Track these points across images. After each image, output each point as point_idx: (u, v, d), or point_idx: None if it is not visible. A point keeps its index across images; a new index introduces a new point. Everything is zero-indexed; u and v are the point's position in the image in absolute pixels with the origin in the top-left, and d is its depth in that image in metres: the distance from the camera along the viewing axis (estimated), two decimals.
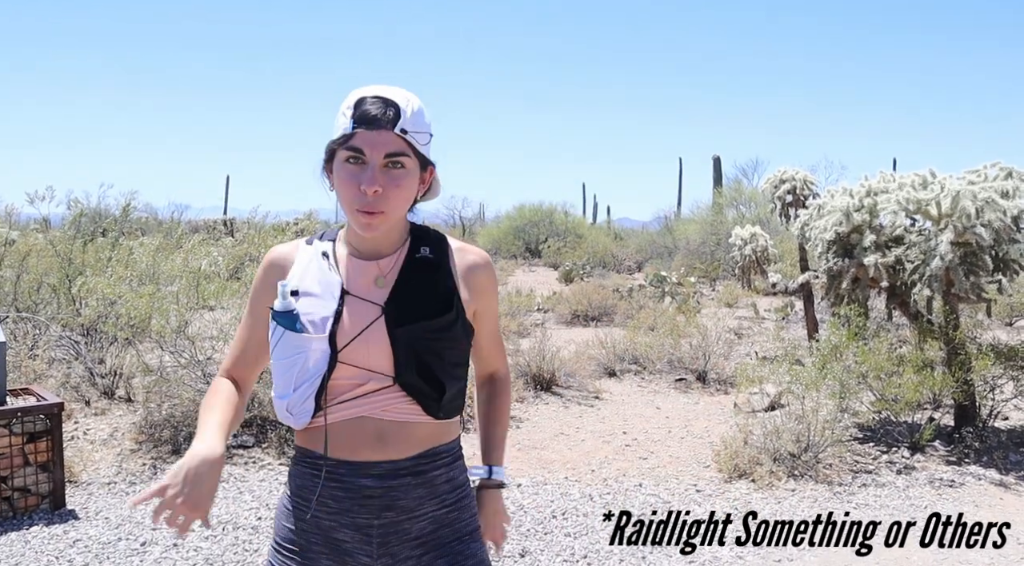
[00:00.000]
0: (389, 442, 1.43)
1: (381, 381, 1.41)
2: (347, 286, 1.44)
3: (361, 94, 1.37)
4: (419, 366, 1.41)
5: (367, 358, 1.41)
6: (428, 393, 1.43)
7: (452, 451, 1.52)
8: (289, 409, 1.43)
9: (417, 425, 1.45)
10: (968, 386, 5.09)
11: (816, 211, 5.78)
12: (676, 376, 7.26)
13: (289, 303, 1.42)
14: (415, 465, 1.45)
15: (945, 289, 4.97)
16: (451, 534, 1.49)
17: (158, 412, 4.95)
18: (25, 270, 7.09)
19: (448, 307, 1.45)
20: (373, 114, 1.35)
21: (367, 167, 1.36)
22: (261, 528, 3.78)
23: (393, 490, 1.43)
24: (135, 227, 14.77)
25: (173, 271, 6.52)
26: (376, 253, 1.47)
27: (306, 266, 1.48)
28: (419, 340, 1.41)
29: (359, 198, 1.37)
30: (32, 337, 6.52)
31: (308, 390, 1.40)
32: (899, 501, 4.28)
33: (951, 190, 4.83)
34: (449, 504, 1.49)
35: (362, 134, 1.35)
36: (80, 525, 3.77)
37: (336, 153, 1.39)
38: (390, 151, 1.36)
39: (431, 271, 1.47)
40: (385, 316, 1.42)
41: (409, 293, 1.44)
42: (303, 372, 1.40)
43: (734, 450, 4.70)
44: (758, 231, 9.20)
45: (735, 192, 23.06)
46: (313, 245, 1.51)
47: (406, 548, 1.45)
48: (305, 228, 13.64)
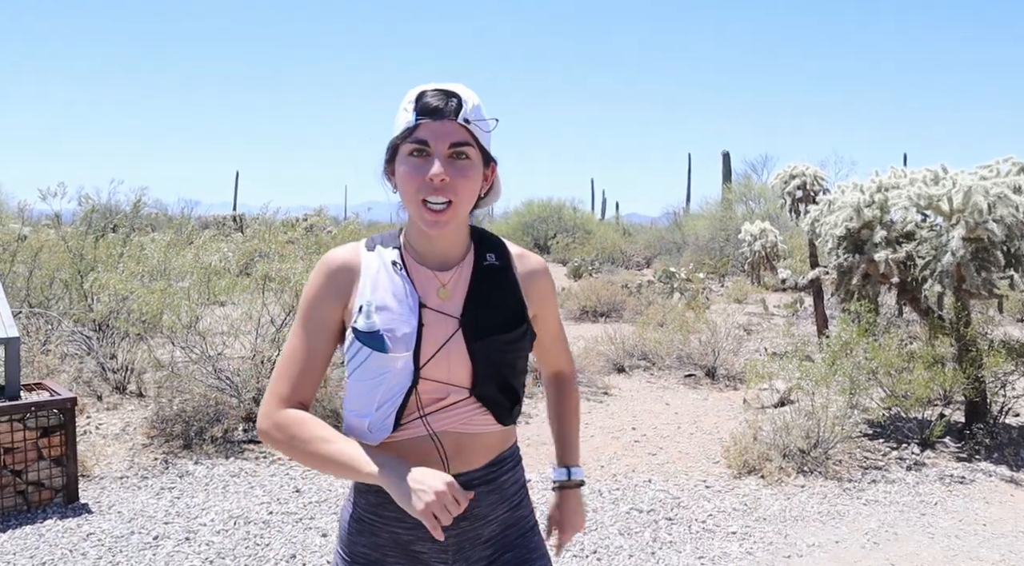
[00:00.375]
0: (463, 455, 1.43)
1: (459, 394, 1.41)
2: (423, 298, 1.41)
3: (422, 88, 1.36)
4: (497, 378, 1.42)
5: (448, 373, 1.39)
6: (502, 403, 1.44)
7: (514, 455, 1.55)
8: (370, 428, 1.40)
9: (488, 435, 1.46)
10: (979, 382, 5.06)
11: (826, 207, 5.76)
12: (685, 372, 7.25)
13: (373, 323, 1.38)
14: (486, 474, 1.46)
15: (956, 285, 4.94)
16: (516, 531, 1.53)
17: (169, 407, 4.98)
18: (37, 266, 7.15)
19: (521, 319, 1.45)
20: (435, 105, 1.34)
21: (432, 157, 1.34)
22: (272, 522, 3.81)
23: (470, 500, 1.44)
24: (145, 223, 14.83)
25: (184, 267, 6.55)
26: (443, 261, 1.44)
27: (375, 276, 1.43)
28: (496, 353, 1.41)
29: (425, 187, 1.33)
30: (45, 332, 6.57)
31: (391, 408, 1.39)
32: (909, 497, 4.27)
33: (963, 185, 4.80)
34: (515, 504, 1.53)
35: (426, 125, 1.33)
36: (93, 519, 3.80)
37: (399, 148, 1.37)
38: (455, 140, 1.34)
39: (500, 280, 1.46)
40: (463, 329, 1.40)
41: (483, 305, 1.43)
42: (388, 391, 1.38)
43: (743, 446, 4.70)
44: (768, 227, 9.18)
45: (744, 188, 22.96)
46: (376, 251, 1.46)
47: (478, 550, 1.48)
48: (315, 224, 13.66)
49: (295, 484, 4.31)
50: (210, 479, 4.35)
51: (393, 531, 1.44)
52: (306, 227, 13.03)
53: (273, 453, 4.79)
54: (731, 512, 4.06)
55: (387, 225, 23.71)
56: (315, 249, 7.84)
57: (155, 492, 4.15)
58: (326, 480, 4.39)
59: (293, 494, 4.17)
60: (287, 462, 4.66)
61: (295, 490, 4.22)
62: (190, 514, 3.88)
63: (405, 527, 1.43)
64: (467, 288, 1.43)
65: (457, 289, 1.43)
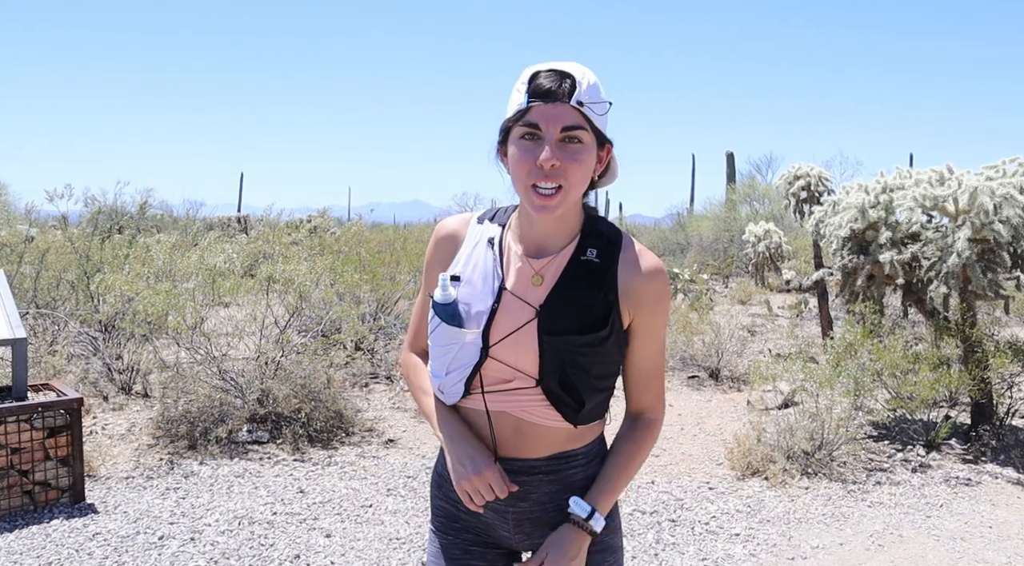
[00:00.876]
0: (526, 440, 1.45)
1: (525, 381, 1.41)
2: (507, 282, 1.42)
3: (536, 69, 1.34)
4: (563, 376, 1.40)
5: (515, 358, 1.40)
6: (568, 402, 1.42)
7: (589, 452, 1.50)
8: (441, 389, 1.48)
9: (554, 429, 1.45)
10: (985, 384, 5.05)
11: (831, 208, 5.75)
12: (689, 373, 7.25)
13: (449, 295, 1.43)
14: (549, 465, 1.47)
15: (962, 286, 4.93)
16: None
17: (174, 408, 5.00)
18: (44, 267, 7.18)
19: (603, 323, 1.39)
20: (548, 87, 1.31)
21: (543, 141, 1.32)
22: (276, 523, 3.82)
23: (526, 485, 1.46)
24: (151, 224, 14.88)
25: (189, 268, 6.57)
26: (542, 247, 1.43)
27: (472, 250, 1.48)
28: (567, 352, 1.39)
29: (534, 172, 1.32)
30: (51, 333, 6.60)
31: (459, 376, 1.44)
32: (914, 499, 4.26)
33: (969, 186, 4.79)
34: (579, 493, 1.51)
35: (538, 108, 1.31)
36: (99, 519, 3.82)
37: (511, 131, 1.36)
38: (567, 124, 1.31)
39: (593, 278, 1.41)
40: (538, 320, 1.39)
41: (566, 300, 1.40)
42: (456, 360, 1.44)
43: (747, 448, 4.69)
44: (772, 228, 9.16)
45: (749, 188, 22.92)
46: (484, 225, 1.49)
47: (540, 529, 1.50)
48: (319, 225, 13.69)
49: (299, 485, 4.32)
50: (215, 479, 4.36)
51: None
52: (310, 229, 13.05)
53: (277, 454, 4.80)
54: (735, 514, 4.05)
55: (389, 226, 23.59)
56: (319, 250, 7.86)
57: (160, 492, 4.16)
58: (330, 481, 4.40)
59: (297, 495, 4.18)
60: (290, 463, 4.67)
61: (299, 491, 4.23)
62: (195, 514, 3.89)
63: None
64: (555, 281, 1.41)
65: (548, 278, 1.42)
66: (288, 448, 4.88)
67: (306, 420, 5.04)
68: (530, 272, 1.42)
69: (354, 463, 4.71)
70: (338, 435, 5.16)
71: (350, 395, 5.90)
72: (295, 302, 5.95)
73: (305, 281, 5.92)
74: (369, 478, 4.46)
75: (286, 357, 5.38)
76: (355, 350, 7.19)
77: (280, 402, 5.06)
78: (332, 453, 4.87)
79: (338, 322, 6.31)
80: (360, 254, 7.97)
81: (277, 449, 4.88)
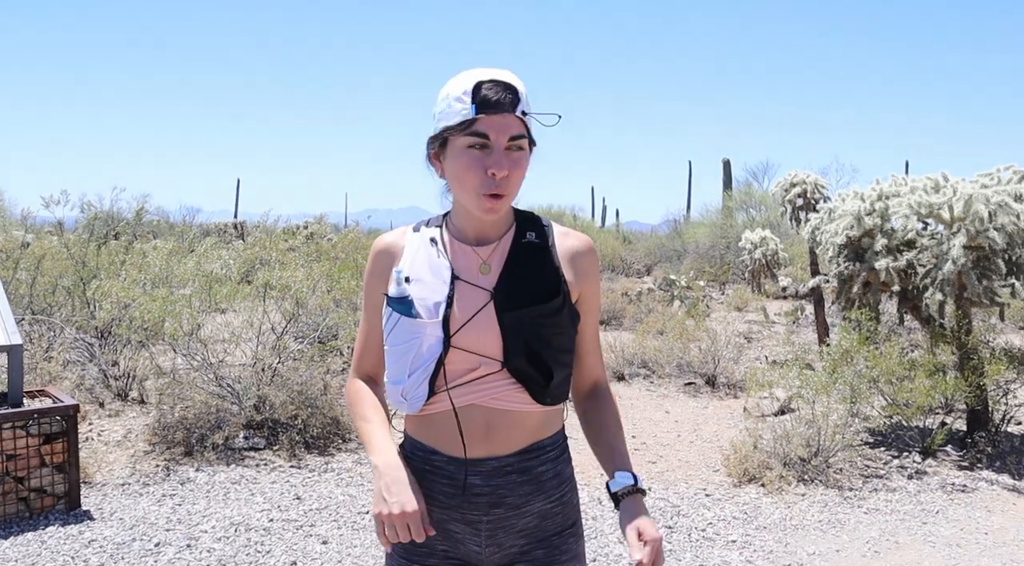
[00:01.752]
0: (496, 434, 1.46)
1: (491, 366, 1.43)
2: (457, 271, 1.46)
3: (476, 79, 1.37)
4: (527, 351, 1.43)
5: (478, 343, 1.43)
6: (535, 378, 1.44)
7: (557, 444, 1.54)
8: (404, 394, 1.46)
9: (524, 415, 1.47)
10: (981, 391, 5.06)
11: (827, 215, 5.77)
12: (685, 380, 7.25)
13: (403, 289, 1.45)
14: (520, 461, 1.48)
15: (957, 293, 4.95)
16: (553, 526, 1.52)
17: (171, 414, 4.99)
18: (40, 273, 7.16)
19: (555, 292, 1.46)
20: (495, 98, 1.35)
21: (491, 151, 1.37)
22: (273, 530, 3.81)
23: (500, 488, 1.46)
24: (147, 230, 14.87)
25: (185, 275, 6.57)
26: (484, 237, 1.49)
27: (415, 252, 1.50)
28: (527, 325, 1.43)
29: (487, 183, 1.37)
30: (47, 339, 6.58)
31: (423, 375, 1.44)
32: (910, 506, 4.27)
33: (963, 194, 4.82)
34: (554, 499, 1.52)
35: (486, 119, 1.35)
36: (95, 525, 3.80)
37: (452, 140, 1.39)
38: (513, 134, 1.37)
39: (537, 255, 1.49)
40: (494, 301, 1.43)
41: (517, 278, 1.46)
42: (417, 357, 1.44)
43: (744, 454, 4.69)
44: (768, 235, 9.19)
45: (745, 195, 22.98)
46: (420, 232, 1.53)
47: (511, 538, 1.50)
48: (315, 232, 13.70)
49: (296, 491, 4.31)
50: (211, 486, 4.36)
51: (429, 508, 1.47)
52: (306, 235, 13.05)
53: (273, 460, 4.79)
54: (731, 521, 4.05)
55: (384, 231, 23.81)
56: (315, 257, 7.86)
57: (156, 499, 4.15)
58: (326, 487, 4.39)
59: (294, 501, 4.17)
60: (287, 470, 4.66)
61: (296, 497, 4.22)
62: (191, 521, 3.88)
63: (440, 506, 1.48)
64: (503, 263, 1.47)
65: (494, 264, 1.47)
66: (285, 455, 4.87)
67: (303, 427, 5.04)
68: (477, 260, 1.47)
69: (351, 470, 4.71)
70: (335, 442, 5.16)
71: (347, 401, 5.89)
72: (292, 308, 5.95)
73: (302, 287, 5.92)
74: (366, 485, 4.45)
75: (283, 363, 5.37)
76: (352, 356, 7.19)
77: (277, 409, 5.05)
78: (329, 460, 4.86)
79: (335, 328, 6.31)
80: (357, 260, 7.97)
81: (273, 456, 4.87)
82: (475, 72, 1.39)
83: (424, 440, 1.50)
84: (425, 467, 1.49)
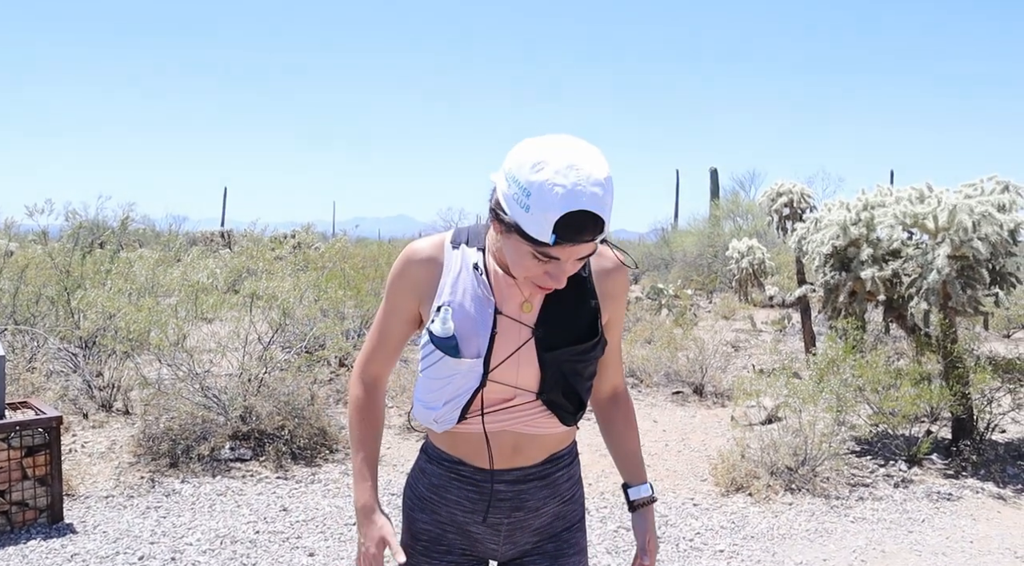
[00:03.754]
0: (523, 452, 1.51)
1: (525, 397, 1.47)
2: (499, 306, 1.43)
3: (568, 206, 1.21)
4: (564, 386, 1.47)
5: (516, 378, 1.45)
6: (567, 408, 1.50)
7: (571, 452, 1.62)
8: (436, 420, 1.49)
9: (550, 435, 1.53)
10: (966, 399, 5.10)
11: (813, 224, 5.81)
12: (673, 389, 7.26)
13: (450, 328, 1.41)
14: (542, 470, 1.54)
15: (942, 302, 4.99)
16: (562, 524, 1.60)
17: (156, 425, 4.94)
18: (24, 282, 7.09)
19: (595, 332, 1.48)
20: (579, 232, 1.24)
21: (559, 262, 1.30)
22: (259, 542, 3.77)
23: (522, 493, 1.53)
24: (133, 239, 14.77)
25: (171, 284, 6.52)
26: None
27: (456, 276, 1.45)
28: (566, 364, 1.45)
29: (542, 279, 1.34)
30: (30, 349, 6.51)
31: (457, 405, 1.46)
32: (897, 515, 4.29)
33: (948, 204, 4.86)
34: (567, 499, 1.60)
35: (563, 248, 1.26)
36: (78, 539, 3.76)
37: (520, 235, 1.28)
38: (583, 255, 1.31)
39: (578, 289, 1.46)
40: (536, 340, 1.44)
41: (558, 316, 1.45)
42: (455, 390, 1.45)
43: (731, 464, 4.70)
44: (755, 244, 9.23)
45: (732, 204, 23.08)
46: (460, 251, 1.47)
47: (526, 536, 1.58)
48: (303, 241, 13.64)
49: (282, 503, 4.28)
50: (197, 498, 4.32)
51: (452, 512, 1.55)
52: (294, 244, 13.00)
53: (260, 471, 4.76)
54: (719, 530, 4.05)
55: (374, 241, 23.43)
56: (303, 266, 7.83)
57: (141, 511, 4.11)
58: (313, 498, 4.36)
59: (280, 513, 4.14)
60: (273, 481, 4.63)
61: (282, 509, 4.19)
62: (176, 534, 3.84)
63: (463, 510, 1.54)
64: (543, 297, 1.45)
65: (536, 299, 1.45)
66: (271, 466, 4.83)
67: (289, 437, 5.00)
68: (520, 296, 1.45)
69: (338, 480, 4.68)
70: (322, 452, 5.12)
71: (334, 412, 5.86)
72: (279, 318, 5.92)
73: (289, 297, 5.89)
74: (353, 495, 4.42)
75: (269, 374, 5.34)
76: (339, 366, 7.15)
77: (263, 419, 5.02)
78: (316, 471, 4.83)
79: (322, 338, 6.28)
80: (344, 270, 7.95)
81: (260, 467, 4.83)
82: (570, 193, 1.20)
83: (450, 451, 1.54)
84: (451, 474, 1.54)
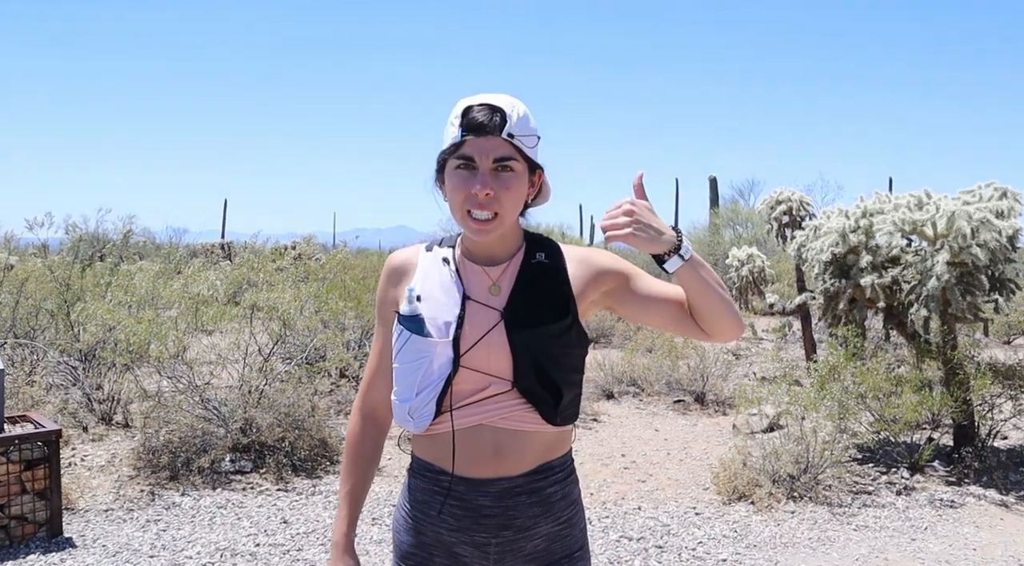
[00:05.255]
0: (506, 455, 1.46)
1: (500, 386, 1.44)
2: (468, 291, 1.47)
3: (468, 103, 1.41)
4: (537, 371, 1.44)
5: (487, 363, 1.44)
6: (545, 398, 1.45)
7: (565, 466, 1.55)
8: (411, 413, 1.47)
9: (533, 435, 1.47)
10: (967, 406, 5.08)
11: (812, 232, 5.81)
12: (674, 398, 7.25)
13: (416, 307, 1.47)
14: (529, 482, 1.48)
15: (942, 309, 4.98)
16: (561, 549, 1.52)
17: (156, 438, 4.93)
18: (23, 295, 7.09)
19: (564, 313, 1.47)
20: (480, 121, 1.38)
21: (477, 172, 1.39)
22: (259, 555, 3.76)
23: (510, 509, 1.47)
24: (133, 251, 14.79)
25: (172, 297, 6.52)
26: (493, 258, 1.51)
27: (428, 271, 1.52)
28: (537, 345, 1.44)
29: (470, 199, 1.40)
30: (30, 363, 6.50)
31: (430, 394, 1.44)
32: (899, 522, 4.27)
33: (946, 211, 4.87)
34: (563, 521, 1.52)
35: (471, 141, 1.38)
36: (77, 553, 3.74)
37: (447, 162, 1.43)
38: (499, 156, 1.39)
39: (547, 276, 1.50)
40: (504, 321, 1.45)
41: (526, 298, 1.47)
42: (427, 376, 1.45)
43: (733, 472, 4.68)
44: (755, 252, 9.24)
45: (732, 213, 23.10)
46: (433, 251, 1.56)
47: (519, 562, 1.50)
48: (303, 252, 13.66)
49: (283, 515, 4.26)
50: (197, 511, 4.30)
51: (437, 531, 1.49)
52: (294, 256, 13.02)
53: (261, 484, 4.74)
54: (721, 539, 4.04)
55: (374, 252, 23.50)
56: (303, 277, 7.83)
57: (141, 525, 4.09)
58: (314, 511, 4.34)
59: (280, 525, 4.12)
60: (274, 493, 4.61)
61: (282, 521, 4.18)
62: (176, 547, 3.83)
63: (448, 529, 1.49)
64: (513, 283, 1.48)
65: (504, 285, 1.49)
66: (272, 478, 4.82)
67: (290, 449, 4.99)
68: (488, 281, 1.49)
69: (338, 492, 4.66)
70: (322, 464, 5.11)
71: (335, 423, 5.85)
72: (279, 330, 5.92)
73: (289, 308, 5.89)
74: None
75: (270, 385, 5.33)
76: (340, 377, 7.14)
77: (264, 431, 5.01)
78: (316, 482, 4.82)
79: (323, 349, 6.27)
80: (345, 281, 7.95)
81: (260, 479, 4.82)
82: (472, 97, 1.42)
83: (431, 460, 1.50)
84: (434, 488, 1.49)
